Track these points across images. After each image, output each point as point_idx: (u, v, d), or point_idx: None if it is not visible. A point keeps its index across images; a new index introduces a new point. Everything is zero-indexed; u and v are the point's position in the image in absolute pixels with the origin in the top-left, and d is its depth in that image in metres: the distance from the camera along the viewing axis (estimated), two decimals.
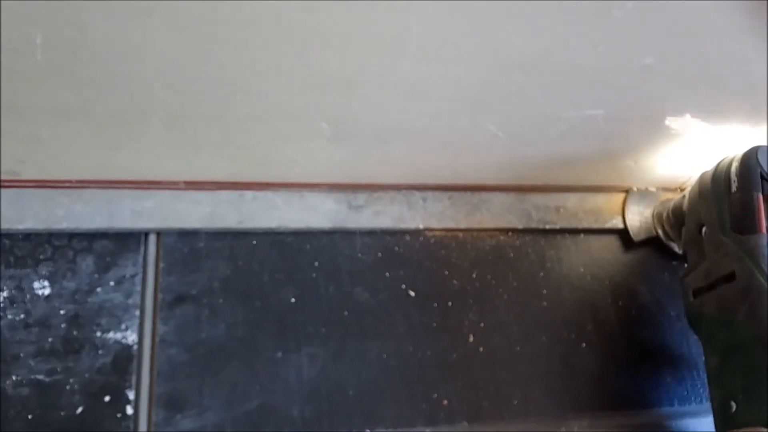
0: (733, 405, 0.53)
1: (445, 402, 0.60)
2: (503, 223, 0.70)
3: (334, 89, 0.53)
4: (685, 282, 0.62)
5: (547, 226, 0.71)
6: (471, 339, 0.64)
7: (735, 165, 0.59)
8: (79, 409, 0.52)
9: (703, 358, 0.60)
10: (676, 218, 0.68)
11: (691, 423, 0.65)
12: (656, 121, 0.61)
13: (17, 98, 0.48)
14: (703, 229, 0.60)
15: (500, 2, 0.46)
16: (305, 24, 0.45)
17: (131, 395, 0.53)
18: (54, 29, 0.43)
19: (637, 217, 0.73)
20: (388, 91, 0.54)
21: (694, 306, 0.60)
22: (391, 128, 0.59)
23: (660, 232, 0.72)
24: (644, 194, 0.74)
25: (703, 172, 0.63)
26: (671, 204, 0.70)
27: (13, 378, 0.51)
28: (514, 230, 0.70)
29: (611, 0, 0.46)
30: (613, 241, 0.72)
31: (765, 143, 0.60)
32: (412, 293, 0.65)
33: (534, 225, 0.71)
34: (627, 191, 0.75)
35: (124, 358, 0.54)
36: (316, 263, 0.63)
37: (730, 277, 0.56)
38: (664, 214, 0.71)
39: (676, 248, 0.72)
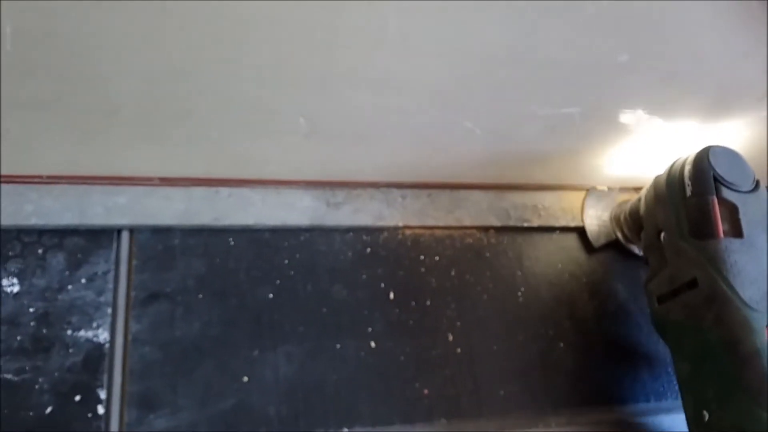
0: (706, 414, 0.53)
1: (426, 392, 0.60)
2: (482, 221, 0.70)
3: (310, 84, 0.53)
4: (648, 288, 0.61)
5: (525, 224, 0.71)
6: (449, 336, 0.64)
7: (687, 168, 0.58)
8: (49, 409, 0.50)
9: (673, 365, 0.59)
10: (634, 221, 0.68)
11: (666, 419, 0.66)
12: (632, 119, 0.62)
13: None
14: (662, 235, 0.60)
15: None
16: (280, 18, 0.45)
17: (102, 395, 0.52)
18: (24, 19, 0.42)
19: (595, 222, 0.72)
20: (365, 86, 0.54)
21: (660, 313, 0.60)
22: (368, 125, 0.59)
23: (619, 235, 0.71)
24: (600, 196, 0.73)
25: (657, 175, 0.62)
26: (628, 207, 0.69)
27: None
28: (493, 228, 0.70)
29: None
30: (587, 243, 0.72)
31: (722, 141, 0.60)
32: (390, 291, 0.64)
33: (512, 223, 0.71)
34: (587, 191, 0.74)
35: (96, 357, 0.53)
36: (294, 261, 0.62)
37: (693, 284, 0.55)
38: (622, 217, 0.70)
39: (636, 250, 0.72)
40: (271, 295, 0.60)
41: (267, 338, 0.58)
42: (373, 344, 0.61)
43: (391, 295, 0.64)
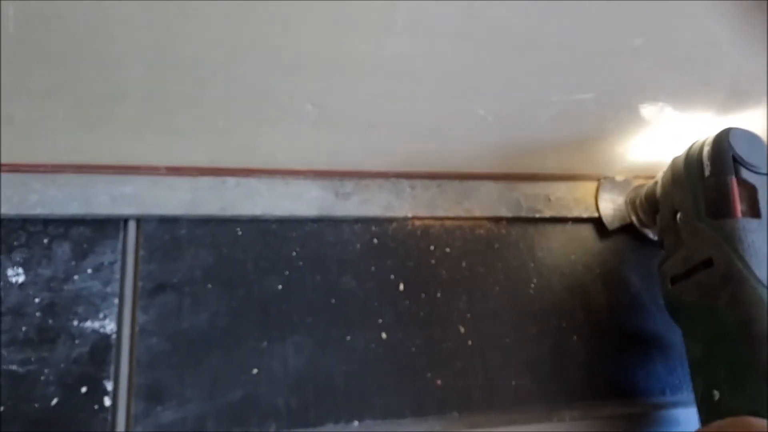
0: (716, 393, 0.52)
1: (439, 382, 0.59)
2: (492, 212, 0.69)
3: (318, 70, 0.52)
4: (662, 269, 0.61)
5: (537, 215, 0.70)
6: (460, 329, 0.63)
7: (707, 149, 0.57)
8: (55, 401, 0.49)
9: (685, 346, 0.58)
10: (650, 205, 0.67)
11: (682, 412, 0.65)
12: (646, 106, 0.61)
13: None
14: (678, 215, 0.59)
15: None
16: (287, 2, 0.44)
17: (109, 386, 0.51)
18: (24, 7, 0.41)
19: (610, 205, 0.71)
20: (375, 72, 0.53)
21: (672, 293, 0.59)
22: (378, 113, 0.58)
23: (634, 219, 0.71)
24: (615, 182, 0.73)
25: (675, 156, 0.62)
26: (644, 190, 0.69)
27: None
28: (504, 219, 0.69)
29: None
30: (603, 230, 0.71)
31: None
32: (400, 283, 0.63)
33: (523, 214, 0.70)
34: (598, 180, 0.73)
35: (102, 348, 0.52)
36: (302, 252, 0.61)
37: (708, 263, 0.55)
38: (637, 201, 0.70)
39: (651, 235, 0.71)
40: (279, 286, 0.59)
41: (275, 329, 0.57)
42: (383, 336, 0.60)
43: (401, 287, 0.63)
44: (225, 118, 0.56)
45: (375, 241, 0.65)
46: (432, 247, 0.66)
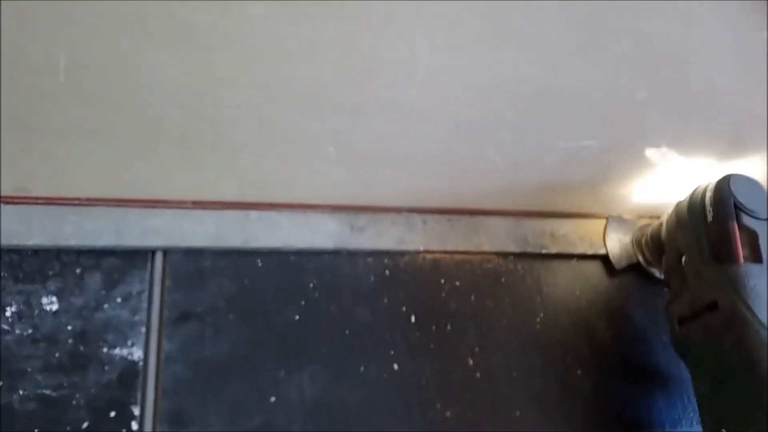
0: (724, 431, 0.55)
1: (448, 414, 0.61)
2: (500, 247, 0.72)
3: (342, 114, 0.55)
4: (669, 310, 0.63)
5: (543, 251, 0.73)
6: (469, 361, 0.65)
7: (709, 195, 0.60)
8: (85, 425, 0.52)
9: (692, 384, 0.61)
10: (656, 245, 0.70)
11: None
12: (650, 152, 0.64)
13: (35, 117, 0.50)
14: (683, 258, 0.62)
15: (503, 34, 0.48)
16: (315, 50, 0.47)
17: (136, 411, 0.54)
18: (77, 51, 0.44)
19: (617, 244, 0.74)
20: (395, 117, 0.56)
21: (680, 334, 0.62)
22: (395, 153, 0.61)
23: (641, 258, 0.73)
24: (622, 221, 0.76)
25: (679, 201, 0.65)
26: (649, 231, 0.71)
27: (20, 393, 0.51)
28: (511, 254, 0.72)
29: (608, 35, 0.49)
30: (608, 267, 0.74)
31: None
32: (411, 314, 0.66)
33: (530, 249, 0.72)
34: (607, 217, 0.76)
35: (130, 375, 0.55)
36: (319, 283, 0.64)
37: (713, 306, 0.57)
38: (643, 241, 0.72)
39: (657, 274, 0.74)
40: (296, 317, 0.62)
41: (293, 359, 0.59)
42: (395, 366, 0.63)
43: (413, 319, 0.66)
44: (251, 155, 0.59)
45: (387, 273, 0.67)
46: (442, 281, 0.69)
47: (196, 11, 0.43)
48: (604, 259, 0.74)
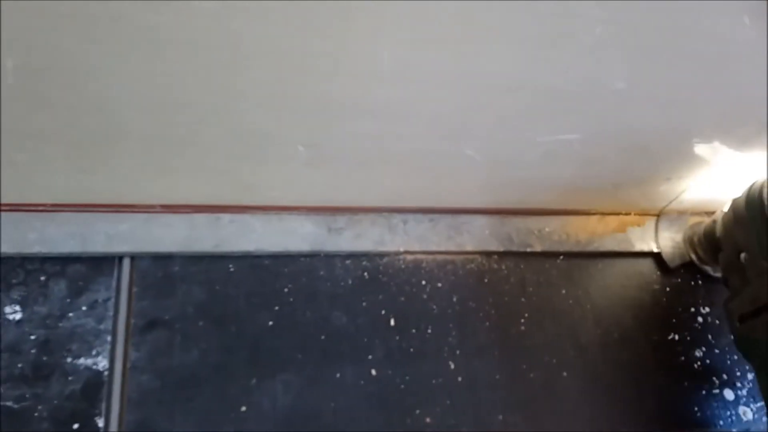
0: None
1: (428, 419, 0.59)
2: (484, 246, 0.70)
3: (310, 113, 0.53)
4: (729, 308, 0.62)
5: (528, 249, 0.70)
6: (450, 364, 0.63)
7: (766, 190, 0.59)
8: None
9: (757, 381, 0.60)
10: (709, 243, 0.69)
11: None
12: (632, 145, 0.61)
13: None
14: (742, 255, 0.61)
15: (472, 28, 0.46)
16: (280, 48, 0.46)
17: (101, 423, 0.52)
18: (25, 54, 0.43)
19: (670, 243, 0.74)
20: (366, 115, 0.54)
21: (742, 331, 0.61)
22: (369, 152, 0.59)
23: (693, 256, 0.73)
24: (674, 219, 0.75)
25: (735, 198, 0.64)
26: (701, 228, 0.71)
27: None
28: (495, 253, 0.70)
29: (581, 24, 0.47)
30: (594, 265, 0.72)
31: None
32: (391, 318, 0.64)
33: (515, 248, 0.70)
34: (658, 215, 0.75)
35: (95, 385, 0.53)
36: (294, 287, 0.62)
37: None
38: (695, 239, 0.72)
39: (711, 272, 0.73)
40: (270, 323, 0.60)
41: (265, 366, 0.58)
42: (373, 372, 0.61)
43: (392, 322, 0.64)
44: (220, 157, 0.57)
45: (366, 275, 0.66)
46: (423, 282, 0.67)
47: (157, 12, 0.41)
48: (599, 255, 0.72)
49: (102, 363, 0.54)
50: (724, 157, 0.63)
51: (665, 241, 0.74)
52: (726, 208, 0.65)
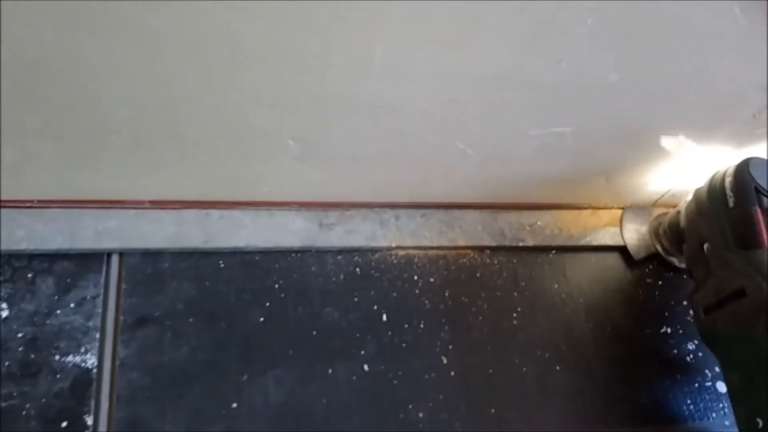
0: (759, 422, 0.53)
1: (421, 414, 0.59)
2: (476, 241, 0.69)
3: (301, 107, 0.53)
4: (694, 299, 0.62)
5: (521, 244, 0.70)
6: (443, 359, 0.63)
7: (728, 180, 0.58)
8: None
9: (723, 374, 0.60)
10: (674, 234, 0.69)
11: None
12: (625, 138, 0.61)
13: None
14: (706, 246, 0.60)
15: (462, 20, 0.46)
16: (270, 43, 0.45)
17: (89, 420, 0.51)
18: (12, 48, 0.42)
19: (635, 235, 0.73)
20: (355, 109, 0.54)
21: (706, 323, 0.60)
22: (361, 147, 0.59)
23: (659, 248, 0.72)
24: (638, 211, 0.75)
25: (698, 188, 0.63)
26: (666, 219, 0.70)
27: None
28: (488, 248, 0.70)
29: (570, 16, 0.47)
30: (587, 259, 0.72)
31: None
32: (383, 313, 0.64)
33: (507, 243, 0.70)
34: (623, 209, 0.75)
35: (83, 383, 0.53)
36: (285, 283, 0.62)
37: (740, 293, 0.56)
38: (660, 230, 0.71)
39: (677, 263, 0.73)
40: (261, 319, 0.59)
41: (256, 363, 0.57)
42: (365, 367, 0.60)
43: (384, 317, 0.63)
44: (209, 153, 0.57)
45: (358, 271, 0.65)
46: (415, 277, 0.67)
47: (147, 8, 0.41)
48: (591, 249, 0.72)
49: (91, 360, 0.53)
50: (715, 150, 0.63)
51: (630, 233, 0.73)
52: (689, 199, 0.64)
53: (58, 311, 0.54)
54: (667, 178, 0.69)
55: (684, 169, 0.65)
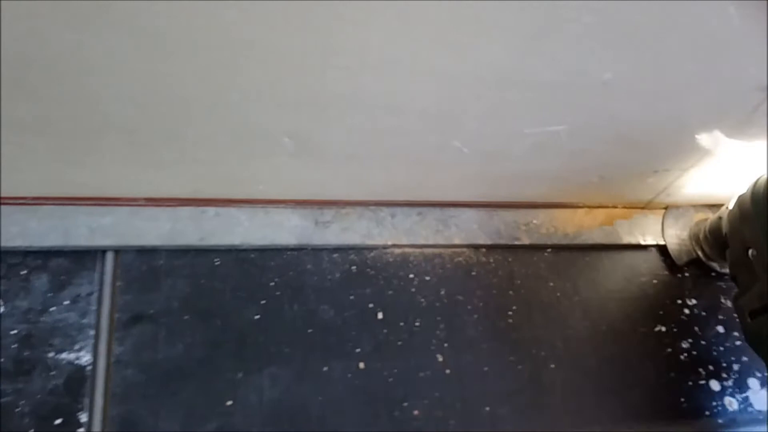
0: None
1: (416, 412, 0.59)
2: (472, 240, 0.70)
3: (297, 105, 0.53)
4: (739, 304, 0.62)
5: (516, 243, 0.70)
6: (438, 357, 0.63)
7: None
8: None
9: None
10: (715, 239, 0.70)
11: None
12: (620, 137, 0.61)
13: None
14: (750, 251, 0.61)
15: (459, 18, 0.46)
16: (266, 40, 0.45)
17: (84, 418, 0.51)
18: (8, 42, 0.42)
19: (676, 241, 0.74)
20: (351, 107, 0.54)
21: (752, 327, 0.61)
22: (357, 145, 0.59)
23: (700, 253, 0.73)
24: (678, 215, 0.76)
25: (741, 194, 0.64)
26: (707, 225, 0.71)
27: None
28: (483, 246, 0.70)
29: (567, 15, 0.47)
30: (581, 257, 0.72)
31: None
32: (378, 311, 0.64)
33: (503, 241, 0.70)
34: (666, 208, 0.76)
35: (78, 380, 0.52)
36: (280, 281, 0.62)
37: None
38: (701, 236, 0.72)
39: (717, 268, 0.74)
40: (256, 316, 0.59)
41: (252, 360, 0.57)
42: (361, 365, 0.60)
43: (380, 315, 0.63)
44: (205, 150, 0.56)
45: (354, 269, 0.65)
46: (411, 275, 0.67)
47: (143, 5, 0.40)
48: (586, 248, 0.72)
49: (85, 357, 0.53)
50: (714, 148, 0.63)
51: (671, 238, 0.74)
52: (731, 205, 0.65)
53: (53, 308, 0.54)
54: (661, 176, 0.69)
55: (679, 168, 0.65)
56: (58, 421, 0.51)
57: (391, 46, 0.47)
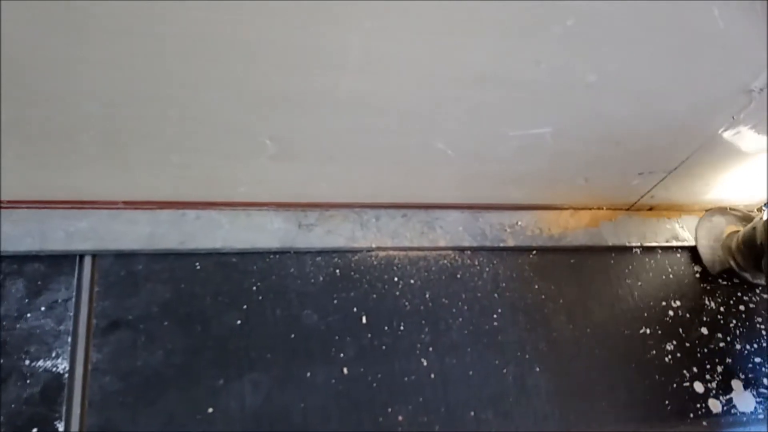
0: None
1: (400, 417, 0.58)
2: (457, 242, 0.69)
3: (278, 105, 0.52)
4: None
5: (501, 245, 0.70)
6: (423, 361, 0.62)
7: None
8: None
9: None
10: (749, 250, 0.71)
11: None
12: (604, 139, 0.61)
13: None
14: None
15: (441, 18, 0.45)
16: (242, 38, 0.44)
17: (60, 427, 0.50)
18: None
19: (709, 251, 0.76)
20: (331, 107, 0.53)
21: None
22: (340, 146, 0.58)
23: (733, 263, 0.75)
24: (710, 226, 0.77)
25: None
26: (740, 236, 0.73)
27: None
28: (468, 249, 0.69)
29: (551, 17, 0.46)
30: (567, 260, 0.72)
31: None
32: (362, 315, 0.63)
33: (488, 243, 0.70)
34: (702, 215, 0.77)
35: (54, 388, 0.51)
36: (263, 285, 0.61)
37: None
38: (734, 246, 0.74)
39: (749, 278, 0.75)
40: (238, 322, 0.58)
41: (233, 367, 0.56)
42: (345, 370, 0.60)
43: (364, 320, 0.63)
44: (185, 151, 0.55)
45: (338, 273, 0.64)
46: (396, 278, 0.66)
47: (116, 3, 0.39)
48: (572, 250, 0.72)
49: (62, 365, 0.52)
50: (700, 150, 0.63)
51: (705, 249, 0.76)
52: (765, 215, 0.67)
53: (29, 315, 0.53)
54: (645, 178, 0.69)
55: (663, 170, 0.65)
56: (34, 430, 0.50)
57: (374, 46, 0.47)
